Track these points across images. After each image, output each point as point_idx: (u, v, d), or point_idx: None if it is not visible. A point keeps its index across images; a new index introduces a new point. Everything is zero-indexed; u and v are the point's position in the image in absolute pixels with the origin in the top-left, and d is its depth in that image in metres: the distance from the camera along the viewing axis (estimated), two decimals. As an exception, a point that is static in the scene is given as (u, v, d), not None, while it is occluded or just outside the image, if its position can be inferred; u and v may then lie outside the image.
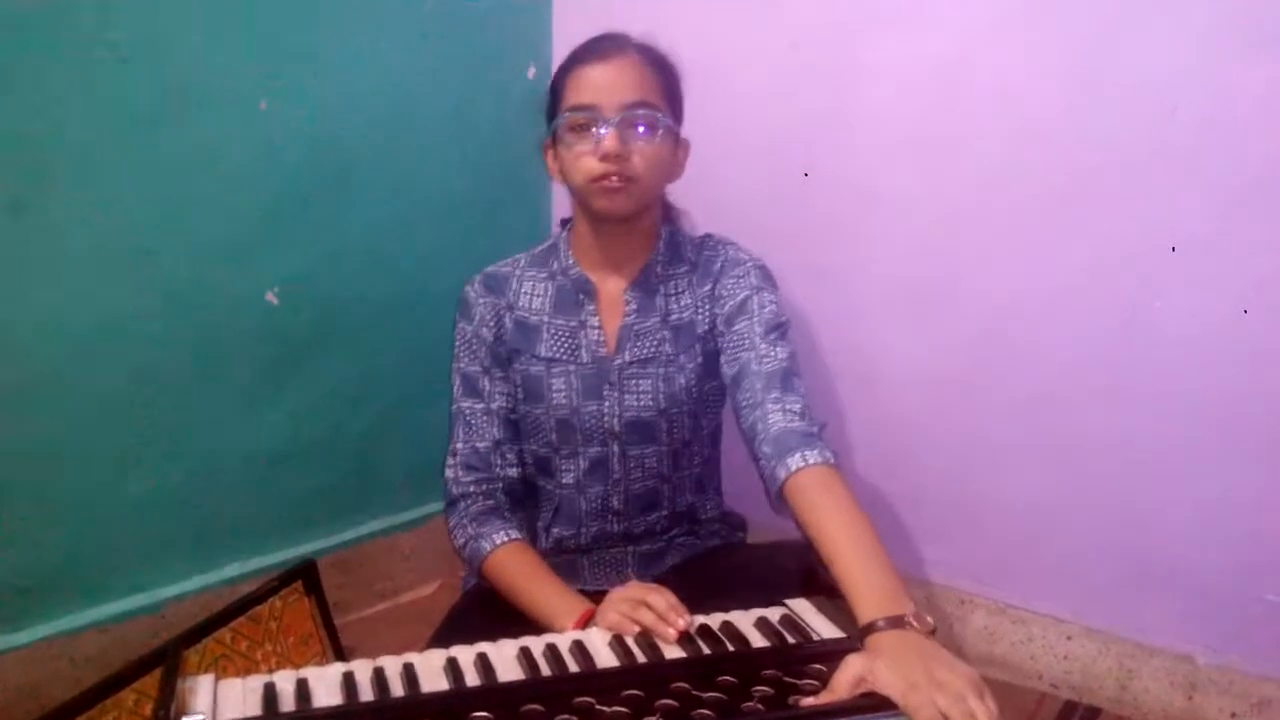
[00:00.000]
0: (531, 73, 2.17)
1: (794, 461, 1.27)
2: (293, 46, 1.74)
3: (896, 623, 1.06)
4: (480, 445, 1.46)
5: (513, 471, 1.49)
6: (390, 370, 2.07)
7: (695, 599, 1.21)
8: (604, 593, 1.47)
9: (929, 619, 1.07)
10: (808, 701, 0.99)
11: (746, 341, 1.41)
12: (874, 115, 1.84)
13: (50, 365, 1.58)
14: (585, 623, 1.25)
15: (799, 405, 1.35)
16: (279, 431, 1.91)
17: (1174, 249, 1.62)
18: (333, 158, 1.84)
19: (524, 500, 1.55)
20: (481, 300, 1.49)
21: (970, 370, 1.86)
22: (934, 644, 1.04)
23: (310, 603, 1.88)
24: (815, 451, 1.27)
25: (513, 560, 1.39)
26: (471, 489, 1.45)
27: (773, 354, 1.39)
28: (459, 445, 1.48)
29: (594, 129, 1.34)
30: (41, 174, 1.51)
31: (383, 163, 1.93)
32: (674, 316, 1.48)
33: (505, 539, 1.40)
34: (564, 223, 1.57)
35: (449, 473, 1.48)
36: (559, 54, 2.17)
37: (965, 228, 1.80)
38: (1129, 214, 1.65)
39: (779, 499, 1.30)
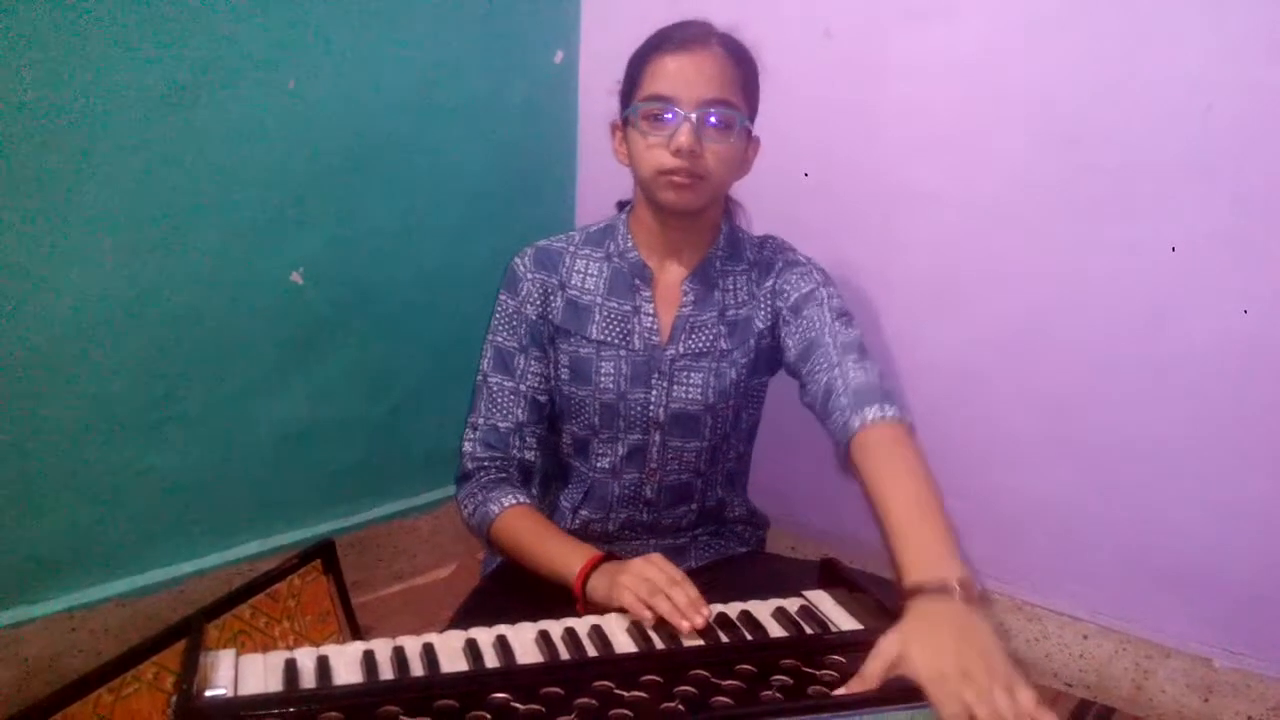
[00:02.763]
0: (559, 57, 2.17)
1: (871, 413, 1.24)
2: (322, 26, 1.74)
3: (942, 588, 1.03)
4: (502, 425, 1.45)
5: (530, 455, 1.47)
6: (413, 352, 2.08)
7: (716, 601, 1.19)
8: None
9: (976, 585, 1.04)
10: (840, 691, 0.99)
11: (818, 323, 1.40)
12: (904, 109, 1.84)
13: (76, 341, 1.59)
14: (593, 567, 1.24)
15: (877, 370, 1.33)
16: (301, 410, 1.92)
17: (1201, 249, 1.61)
18: (360, 139, 1.85)
19: (545, 480, 1.55)
20: (530, 276, 1.45)
21: (993, 367, 1.86)
22: (975, 619, 1.01)
23: (328, 582, 1.90)
24: (894, 407, 1.25)
25: (520, 521, 1.38)
26: (486, 463, 1.44)
27: (846, 331, 1.39)
28: (480, 420, 1.46)
29: (669, 121, 1.31)
30: (71, 151, 1.52)
31: (409, 144, 1.93)
32: (731, 312, 1.46)
33: (514, 502, 1.39)
34: (621, 205, 1.56)
35: (466, 446, 1.46)
36: (587, 38, 2.17)
37: (992, 225, 1.79)
38: (1157, 213, 1.64)
39: (846, 453, 1.26)
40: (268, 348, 1.83)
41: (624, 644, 1.12)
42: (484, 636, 1.11)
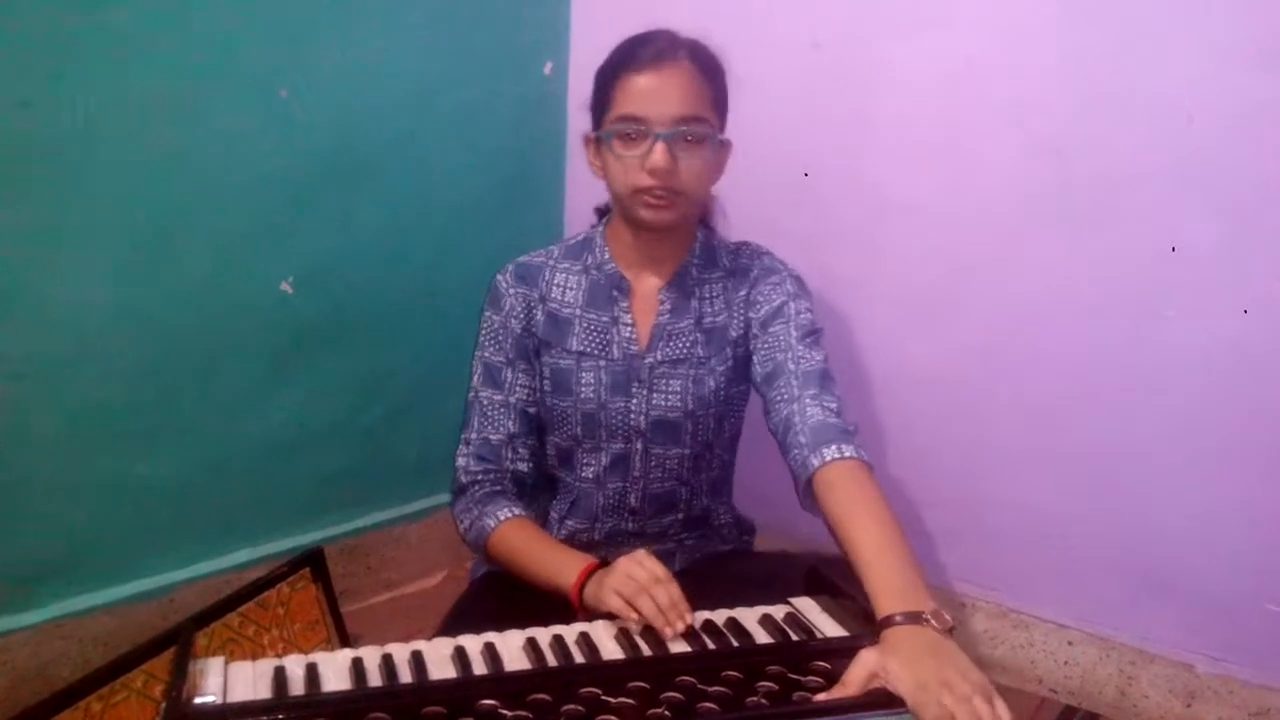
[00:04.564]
0: (549, 69, 2.18)
1: (829, 453, 1.27)
2: (313, 36, 1.75)
3: (914, 619, 1.06)
4: (494, 437, 1.46)
5: (523, 466, 1.49)
6: (402, 362, 2.08)
7: (702, 603, 1.21)
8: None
9: (948, 617, 1.07)
10: (821, 697, 1.00)
11: (782, 343, 1.42)
12: (892, 119, 1.85)
13: (67, 349, 1.59)
14: (588, 575, 1.25)
15: (836, 405, 1.35)
16: (291, 420, 1.92)
17: (1184, 259, 1.63)
18: (350, 149, 1.86)
19: (534, 491, 1.56)
20: (512, 291, 1.48)
21: (980, 375, 1.87)
22: (950, 644, 1.04)
23: (317, 590, 1.90)
24: (851, 447, 1.28)
25: (516, 533, 1.39)
26: (480, 477, 1.46)
27: (809, 356, 1.40)
28: (472, 435, 1.48)
29: (642, 141, 1.32)
30: (63, 161, 1.52)
31: (400, 155, 1.94)
32: (707, 320, 1.48)
33: (509, 515, 1.40)
34: (599, 213, 1.56)
35: (460, 461, 1.48)
36: (577, 50, 2.18)
37: (979, 234, 1.81)
38: (1142, 223, 1.65)
39: (807, 490, 1.29)
40: (258, 356, 1.84)
41: (611, 650, 1.13)
42: (472, 644, 1.12)
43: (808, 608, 1.24)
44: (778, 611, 1.22)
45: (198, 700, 0.96)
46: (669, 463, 1.49)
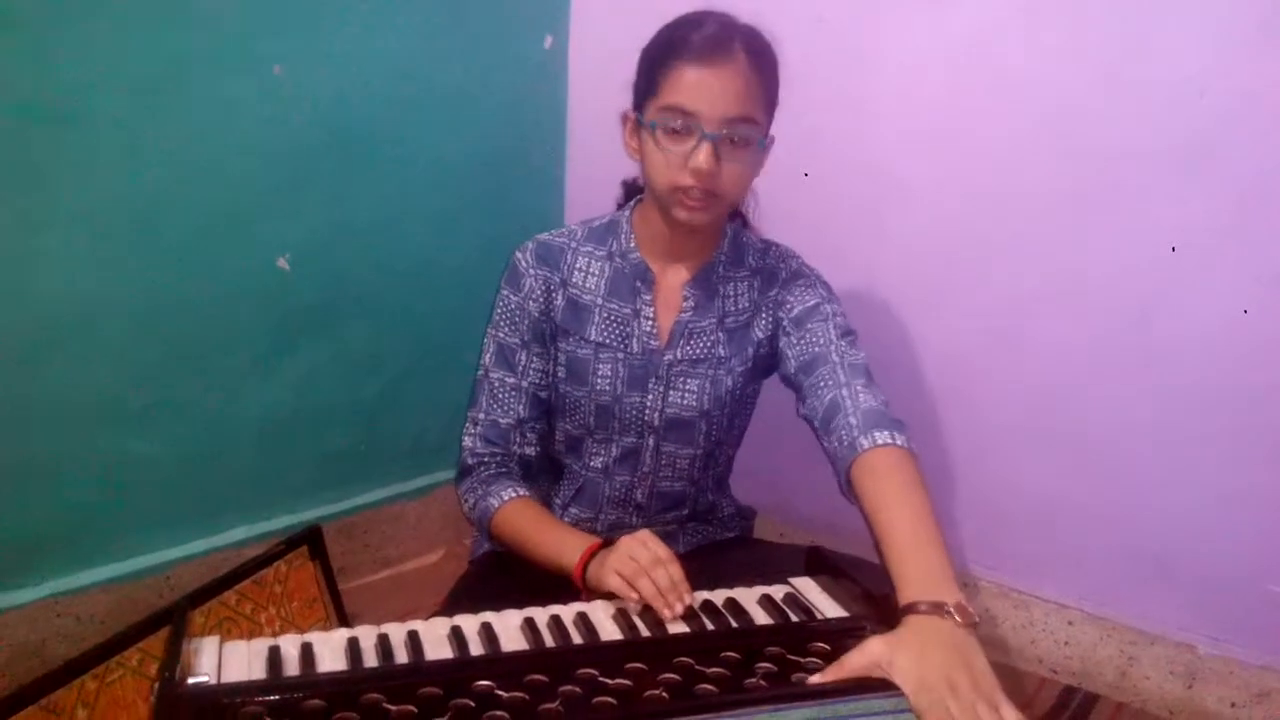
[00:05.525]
0: (549, 42, 2.16)
1: (881, 436, 1.24)
2: (308, 11, 1.73)
3: (936, 609, 1.04)
4: (503, 420, 1.44)
5: (530, 450, 1.47)
6: (399, 340, 2.07)
7: (703, 587, 1.20)
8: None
9: (972, 612, 1.04)
10: (815, 678, 0.99)
11: (821, 339, 1.39)
12: (896, 98, 1.83)
13: (63, 327, 1.58)
14: (591, 555, 1.24)
15: (884, 398, 1.33)
16: (287, 397, 1.91)
17: (1188, 244, 1.61)
18: (347, 125, 1.84)
19: (540, 475, 1.55)
20: (533, 272, 1.43)
21: (983, 358, 1.86)
22: (968, 639, 1.02)
23: (315, 568, 1.89)
24: (903, 436, 1.25)
25: (521, 512, 1.38)
26: (486, 459, 1.44)
27: (852, 352, 1.38)
28: (481, 415, 1.45)
29: (688, 138, 1.27)
30: (58, 136, 1.50)
31: (397, 131, 1.92)
32: (730, 319, 1.45)
33: (513, 495, 1.39)
34: (626, 188, 1.54)
35: (466, 441, 1.45)
36: (578, 23, 2.16)
37: (983, 217, 1.80)
38: (1146, 207, 1.64)
39: (848, 475, 1.26)
40: (254, 334, 1.82)
41: (610, 631, 1.12)
42: (469, 624, 1.11)
43: (807, 588, 1.23)
44: (777, 592, 1.22)
45: (191, 680, 0.95)
46: (680, 462, 1.48)
